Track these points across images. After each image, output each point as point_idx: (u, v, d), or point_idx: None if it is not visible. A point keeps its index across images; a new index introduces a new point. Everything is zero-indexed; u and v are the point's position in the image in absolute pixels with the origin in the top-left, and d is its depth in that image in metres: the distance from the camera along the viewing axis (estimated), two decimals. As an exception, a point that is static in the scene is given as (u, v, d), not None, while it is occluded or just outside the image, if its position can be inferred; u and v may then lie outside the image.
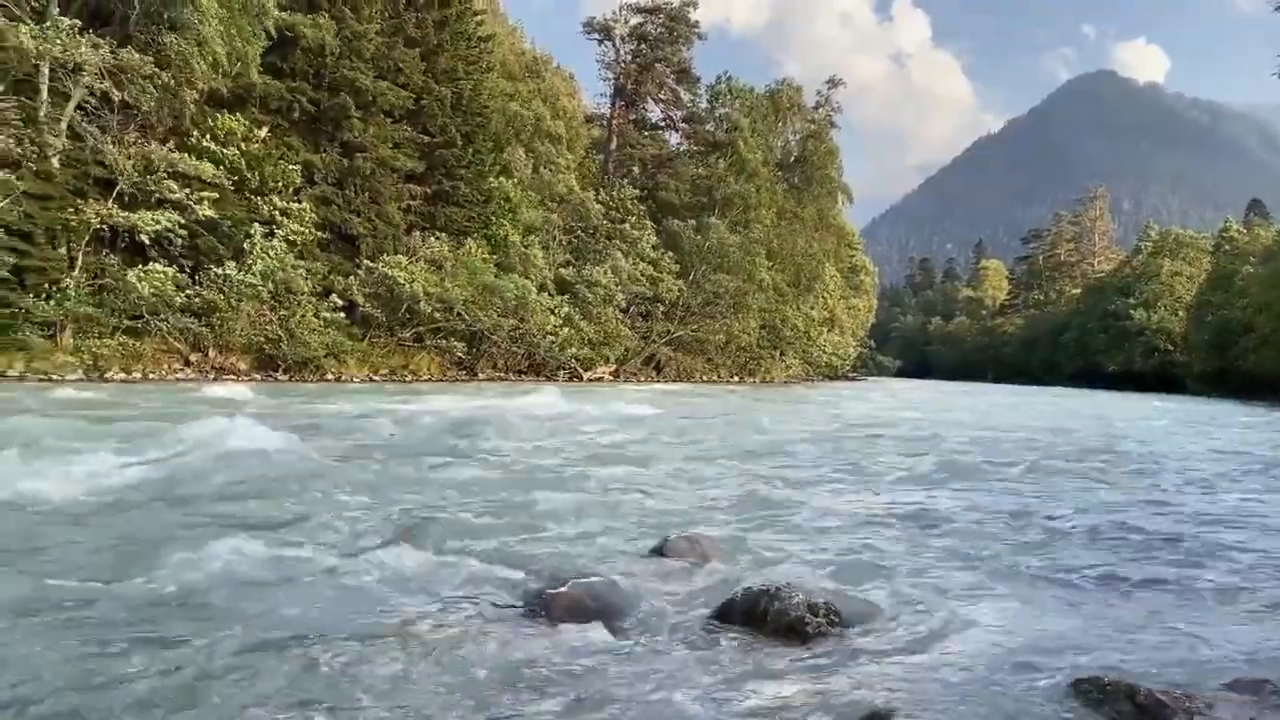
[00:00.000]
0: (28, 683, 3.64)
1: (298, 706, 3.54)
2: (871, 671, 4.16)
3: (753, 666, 4.21)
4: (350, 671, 3.88)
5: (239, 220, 33.76)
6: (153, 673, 3.78)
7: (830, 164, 72.57)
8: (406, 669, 3.95)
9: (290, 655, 4.04)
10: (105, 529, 6.49)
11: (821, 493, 9.72)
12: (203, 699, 3.56)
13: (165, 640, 4.19)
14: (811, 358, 70.10)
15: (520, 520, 7.43)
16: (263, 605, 4.78)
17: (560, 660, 4.16)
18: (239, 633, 4.32)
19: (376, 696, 3.65)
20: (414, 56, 41.93)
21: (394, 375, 38.09)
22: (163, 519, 6.98)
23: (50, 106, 28.80)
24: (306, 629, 4.38)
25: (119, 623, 4.43)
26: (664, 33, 63.21)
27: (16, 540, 6.03)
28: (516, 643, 4.35)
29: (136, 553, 5.77)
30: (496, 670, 4.00)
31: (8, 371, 26.57)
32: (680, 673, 4.09)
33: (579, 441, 14.25)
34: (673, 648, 4.44)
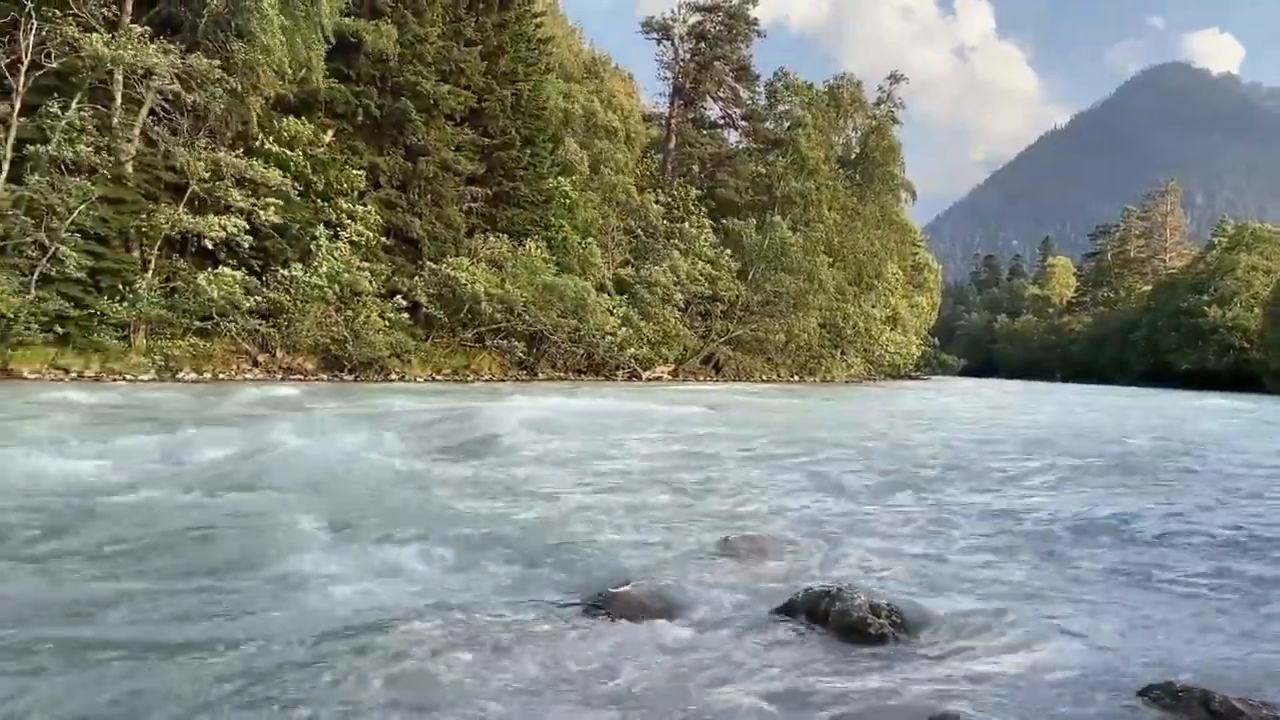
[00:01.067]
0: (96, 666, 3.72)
1: (367, 701, 3.58)
2: (934, 674, 4.09)
3: (813, 667, 4.16)
4: (414, 667, 3.91)
5: (305, 223, 34.40)
6: (223, 664, 3.85)
7: (892, 160, 71.72)
8: (470, 665, 3.97)
9: (358, 650, 4.09)
10: (188, 519, 6.63)
11: (885, 493, 9.60)
12: (275, 692, 3.61)
13: (234, 632, 4.27)
14: (873, 357, 69.28)
15: (582, 519, 7.44)
16: (332, 601, 4.85)
17: (621, 657, 4.15)
18: (310, 626, 4.38)
19: (441, 691, 3.68)
20: (474, 59, 42.33)
21: (456, 375, 38.50)
22: (242, 513, 7.12)
23: (123, 113, 29.63)
24: (373, 624, 4.43)
25: (196, 613, 4.52)
26: (723, 31, 63.01)
27: (84, 527, 6.19)
28: (579, 640, 4.36)
29: (218, 545, 5.90)
30: (559, 667, 4.00)
31: (84, 371, 27.40)
32: (740, 671, 4.06)
33: (638, 441, 14.24)
34: (733, 646, 4.41)
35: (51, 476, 8.31)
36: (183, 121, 30.77)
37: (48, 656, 3.86)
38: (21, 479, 8.06)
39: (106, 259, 28.99)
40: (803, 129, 60.95)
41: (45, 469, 8.66)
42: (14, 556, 5.54)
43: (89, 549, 5.77)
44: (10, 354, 26.25)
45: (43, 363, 26.95)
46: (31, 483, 7.95)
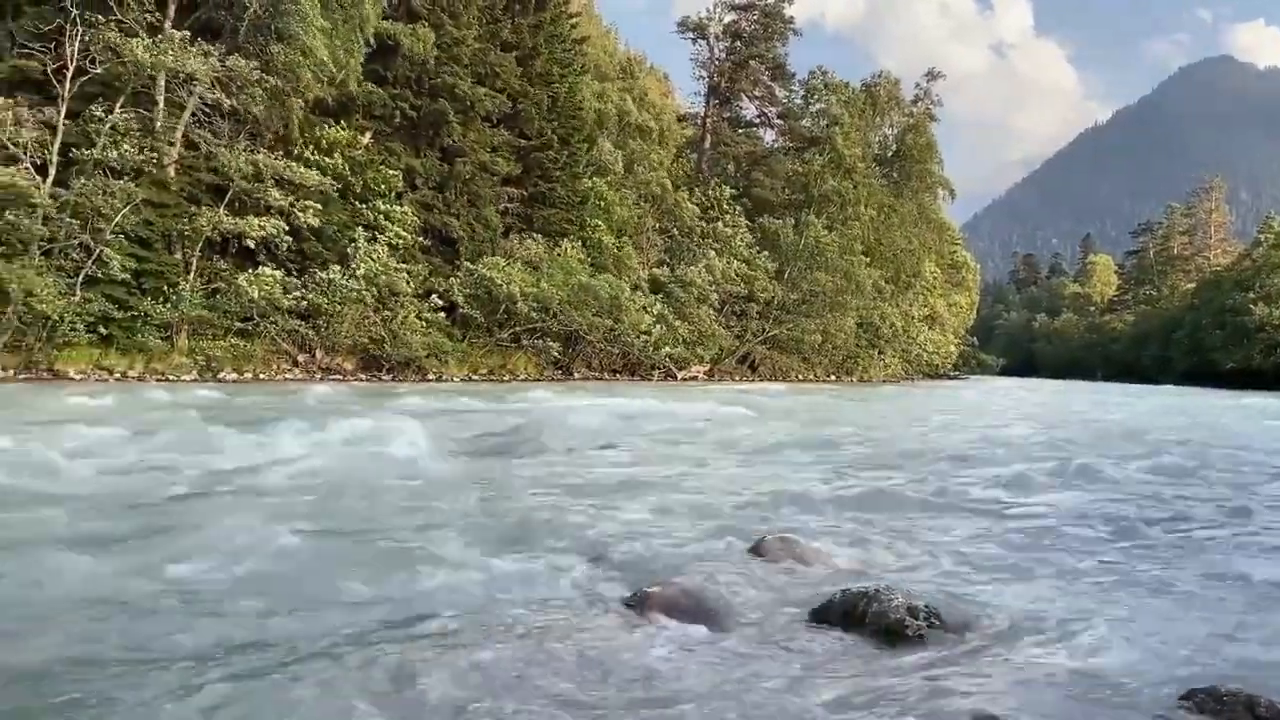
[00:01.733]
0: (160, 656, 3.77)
1: (396, 699, 3.59)
2: (973, 677, 4.04)
3: (850, 668, 4.13)
4: (445, 664, 3.92)
5: (344, 225, 34.75)
6: (265, 656, 3.89)
7: (930, 158, 71.16)
8: (502, 664, 3.97)
9: (389, 645, 4.11)
10: (235, 516, 6.71)
11: (920, 494, 9.51)
12: (308, 689, 3.63)
13: (273, 628, 4.31)
14: (911, 356, 68.72)
15: (615, 519, 7.44)
16: (364, 597, 4.88)
17: (655, 658, 4.14)
18: (342, 621, 4.42)
19: (471, 690, 3.68)
20: (510, 61, 42.53)
21: (492, 375, 38.70)
22: (294, 512, 7.20)
23: (166, 117, 30.09)
24: (403, 620, 4.46)
25: (250, 611, 4.57)
26: (758, 29, 62.81)
27: (162, 522, 6.29)
28: (612, 640, 4.35)
29: (261, 541, 5.97)
30: (592, 667, 4.00)
31: (128, 372, 27.85)
32: (776, 672, 4.03)
33: (672, 441, 14.23)
34: (768, 647, 4.38)
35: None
36: (223, 125, 31.20)
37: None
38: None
39: (149, 261, 29.46)
40: (839, 127, 60.62)
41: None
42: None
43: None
44: (56, 354, 26.74)
45: (88, 363, 27.42)
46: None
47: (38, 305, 25.75)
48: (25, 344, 26.29)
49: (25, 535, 6.00)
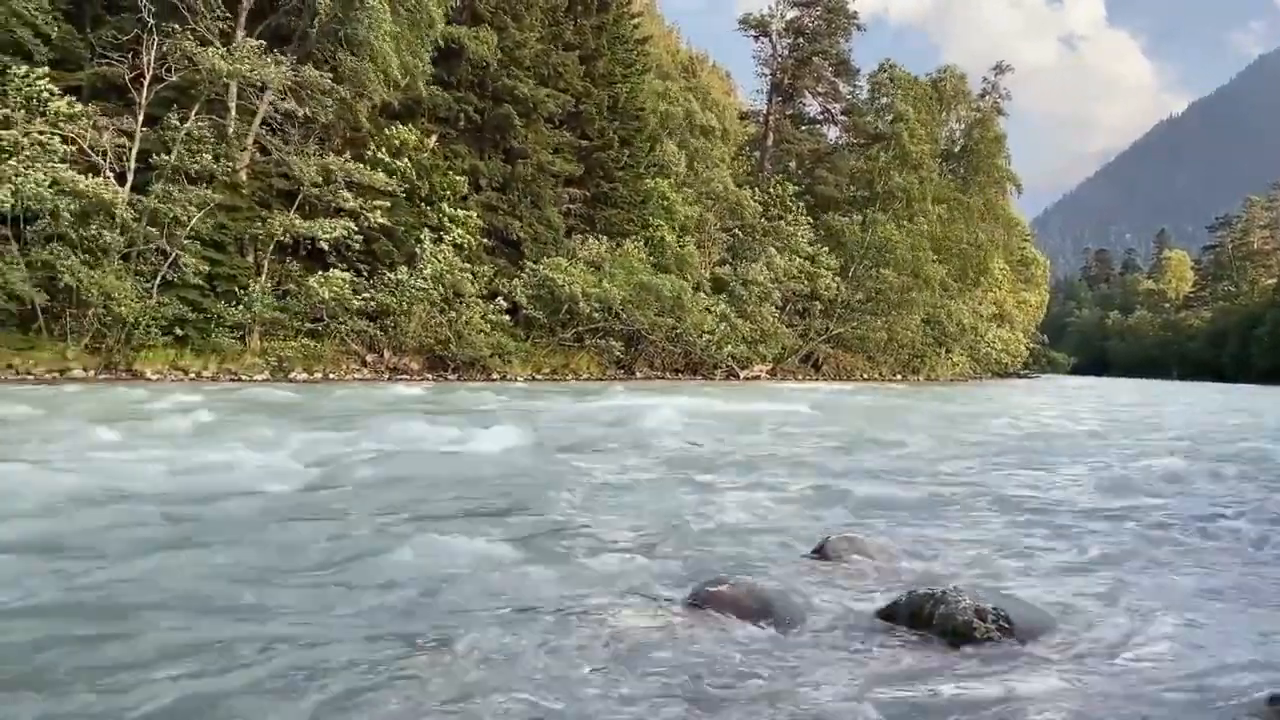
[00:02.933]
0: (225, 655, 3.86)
1: (451, 694, 3.62)
2: (1044, 682, 3.95)
3: (916, 670, 4.06)
4: (504, 660, 3.95)
5: (411, 226, 35.28)
6: (338, 653, 3.96)
7: (998, 152, 70.03)
8: (561, 659, 3.99)
9: (444, 641, 4.15)
10: (321, 515, 6.85)
11: (990, 494, 9.34)
12: (366, 682, 3.68)
13: (340, 624, 4.38)
14: (979, 355, 67.62)
15: (679, 517, 7.43)
16: (427, 595, 4.93)
17: (718, 657, 4.12)
18: (402, 616, 4.47)
19: (536, 687, 3.70)
20: (573, 62, 42.78)
21: (555, 375, 38.95)
22: (370, 508, 7.33)
23: (238, 124, 30.83)
24: (461, 618, 4.49)
25: (315, 607, 4.65)
26: (822, 25, 62.31)
27: (241, 521, 6.45)
28: (674, 639, 4.33)
29: (341, 539, 6.08)
30: (654, 665, 3.99)
31: (202, 372, 28.60)
32: (840, 672, 3.99)
33: (736, 439, 14.17)
34: (833, 648, 4.33)
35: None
36: (294, 131, 31.86)
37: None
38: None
39: (223, 264, 30.23)
40: (905, 123, 59.89)
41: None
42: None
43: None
44: (134, 355, 27.55)
45: (164, 364, 28.21)
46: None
47: (116, 308, 26.58)
48: (105, 345, 27.14)
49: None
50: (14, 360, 25.73)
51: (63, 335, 26.71)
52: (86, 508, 7.00)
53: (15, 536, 5.85)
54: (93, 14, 30.09)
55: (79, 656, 3.83)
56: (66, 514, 6.69)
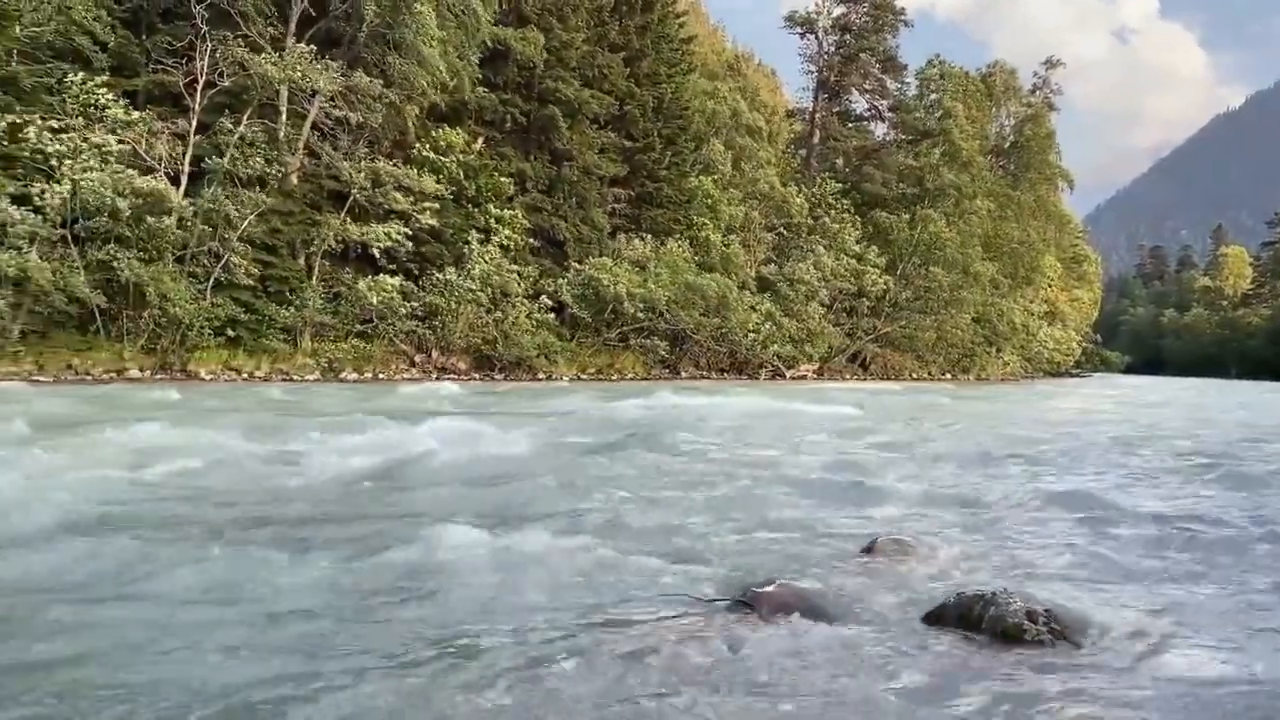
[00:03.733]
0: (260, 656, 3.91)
1: (501, 694, 3.64)
2: (1094, 685, 3.89)
3: (966, 672, 4.02)
4: (554, 660, 3.96)
5: (458, 228, 35.57)
6: (372, 651, 3.99)
7: (1049, 148, 68.98)
8: (611, 659, 4.00)
9: (494, 641, 4.17)
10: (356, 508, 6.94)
11: (1040, 495, 9.20)
12: (410, 680, 3.71)
13: (377, 621, 4.42)
14: (1030, 354, 66.62)
15: (727, 518, 7.41)
16: (480, 594, 4.96)
17: (766, 657, 4.10)
18: (453, 621, 4.50)
19: (580, 686, 3.71)
20: (618, 62, 42.85)
21: (600, 374, 39.03)
22: (406, 505, 7.41)
23: (289, 128, 31.29)
24: (517, 619, 4.51)
25: (335, 606, 4.69)
26: (868, 22, 61.82)
27: (274, 514, 6.55)
28: (723, 639, 4.33)
29: (371, 535, 6.15)
30: (702, 665, 3.99)
31: (254, 372, 29.07)
32: (889, 674, 3.96)
33: (784, 440, 14.11)
34: (881, 649, 4.30)
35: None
36: (344, 135, 32.26)
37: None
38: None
39: (274, 266, 30.72)
40: (954, 119, 59.20)
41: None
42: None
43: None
44: (188, 356, 28.07)
45: (218, 364, 28.72)
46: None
47: (172, 309, 27.12)
48: (160, 346, 27.69)
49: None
50: (73, 360, 26.35)
51: (119, 336, 27.30)
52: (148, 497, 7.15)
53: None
54: (148, 22, 30.71)
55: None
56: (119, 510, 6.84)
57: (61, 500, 6.92)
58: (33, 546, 5.62)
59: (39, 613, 4.41)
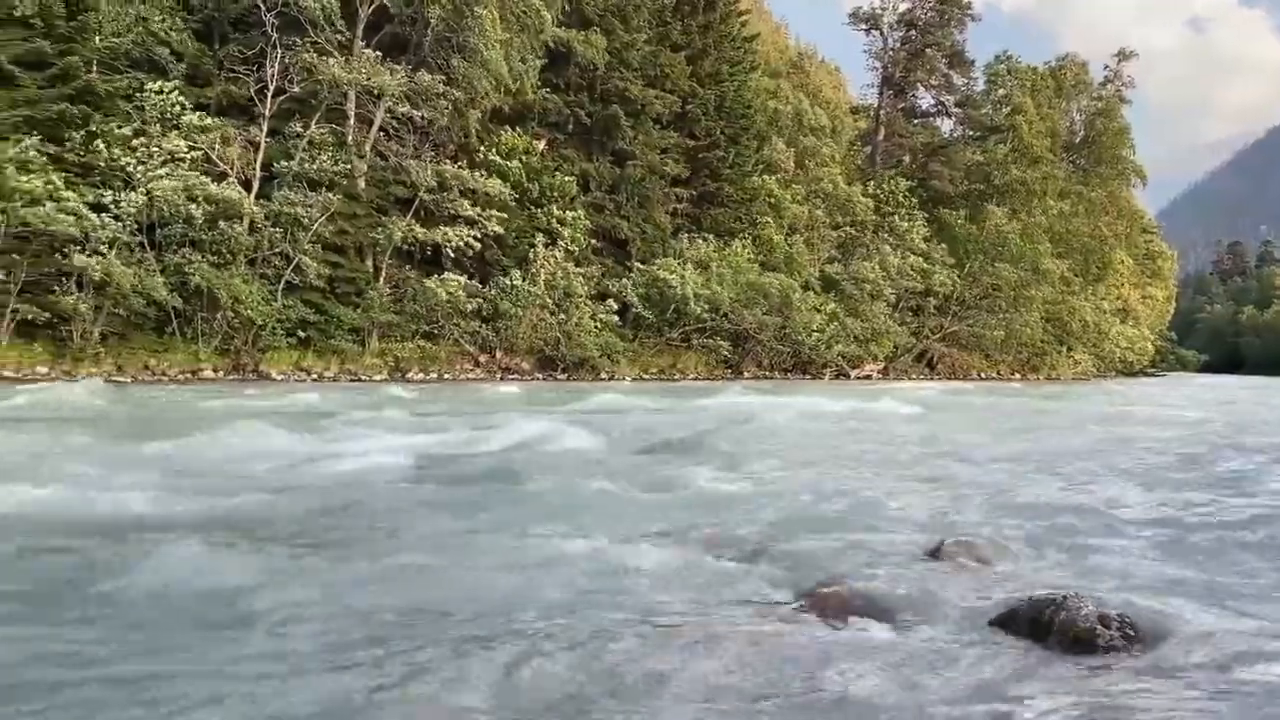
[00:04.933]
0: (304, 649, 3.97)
1: (568, 698, 3.64)
2: (1170, 694, 3.76)
3: (1036, 678, 3.92)
4: (614, 662, 3.96)
5: (522, 230, 35.85)
6: (425, 652, 4.03)
7: (1121, 143, 67.30)
8: (672, 661, 3.98)
9: (555, 642, 4.18)
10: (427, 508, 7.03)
11: (1116, 500, 8.96)
12: (476, 679, 3.73)
13: (434, 620, 4.46)
14: (1103, 352, 65.08)
15: (788, 518, 7.35)
16: (537, 595, 4.99)
17: (830, 660, 4.05)
18: (512, 614, 4.53)
19: (645, 687, 3.71)
20: (680, 62, 42.81)
21: (662, 375, 39.03)
22: (464, 504, 7.48)
23: (356, 132, 31.84)
24: (577, 622, 4.52)
25: (393, 606, 4.75)
26: (934, 17, 60.99)
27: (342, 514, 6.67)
28: (784, 641, 4.28)
29: (432, 535, 6.21)
30: (764, 666, 3.95)
31: (324, 372, 29.63)
32: (956, 679, 3.88)
33: (847, 440, 13.97)
34: (948, 653, 4.21)
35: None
36: (409, 137, 32.74)
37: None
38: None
39: (343, 268, 31.29)
40: (1023, 114, 58.10)
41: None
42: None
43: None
44: (260, 356, 28.71)
45: (288, 364, 29.34)
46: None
47: (245, 311, 27.77)
48: (233, 347, 28.37)
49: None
50: (150, 361, 27.15)
51: (194, 337, 28.02)
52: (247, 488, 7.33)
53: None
54: (221, 31, 31.50)
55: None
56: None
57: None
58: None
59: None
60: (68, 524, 6.32)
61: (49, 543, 5.78)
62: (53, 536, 5.94)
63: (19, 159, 24.36)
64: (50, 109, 26.28)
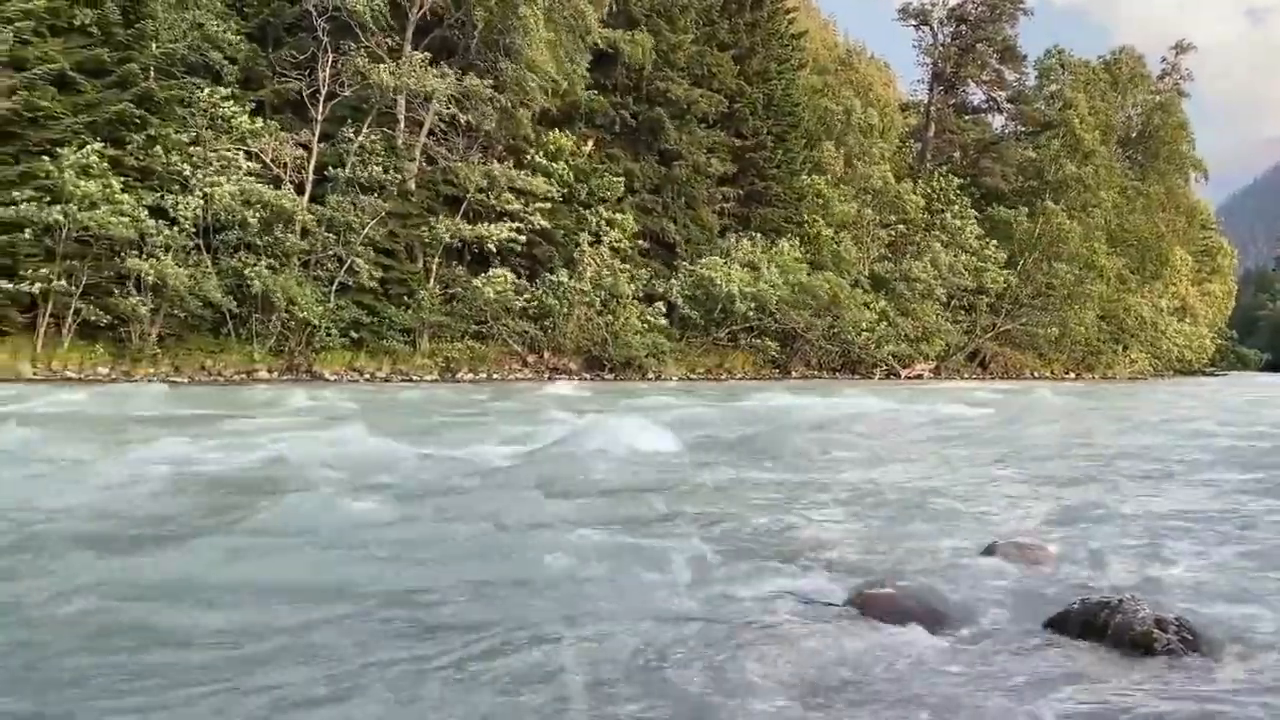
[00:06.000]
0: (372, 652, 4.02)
1: (613, 695, 3.66)
2: (1229, 701, 3.68)
3: (1091, 681, 3.85)
4: (663, 663, 3.96)
5: (569, 230, 35.99)
6: (487, 650, 4.07)
7: (1180, 138, 65.90)
8: (723, 660, 3.98)
9: (604, 642, 4.20)
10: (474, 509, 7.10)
11: (1174, 502, 8.79)
12: (524, 679, 3.76)
13: (484, 618, 4.50)
14: (1160, 351, 63.73)
15: (840, 518, 7.32)
16: (585, 592, 5.01)
17: (879, 661, 4.02)
18: (558, 615, 4.55)
19: (693, 686, 3.71)
20: (727, 61, 42.67)
21: (709, 374, 38.94)
22: (527, 505, 7.54)
23: (407, 135, 32.20)
24: (624, 618, 4.53)
25: (456, 606, 4.80)
26: (985, 11, 60.15)
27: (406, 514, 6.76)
28: (834, 641, 4.26)
29: (494, 534, 6.28)
30: (812, 667, 3.93)
31: (376, 372, 30.01)
32: (1007, 681, 3.83)
33: (899, 440, 13.86)
34: (999, 655, 4.16)
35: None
36: (458, 140, 33.03)
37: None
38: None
39: (394, 269, 31.68)
40: (1074, 110, 57.11)
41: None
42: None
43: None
44: (314, 357, 29.14)
45: (342, 365, 29.76)
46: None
47: (299, 313, 28.21)
48: (288, 348, 28.82)
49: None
50: (206, 362, 27.68)
51: (249, 339, 28.51)
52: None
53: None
54: (275, 36, 32.00)
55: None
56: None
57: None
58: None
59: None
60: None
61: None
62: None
63: (80, 164, 24.96)
64: (110, 113, 26.88)
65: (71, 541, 5.71)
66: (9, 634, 4.03)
